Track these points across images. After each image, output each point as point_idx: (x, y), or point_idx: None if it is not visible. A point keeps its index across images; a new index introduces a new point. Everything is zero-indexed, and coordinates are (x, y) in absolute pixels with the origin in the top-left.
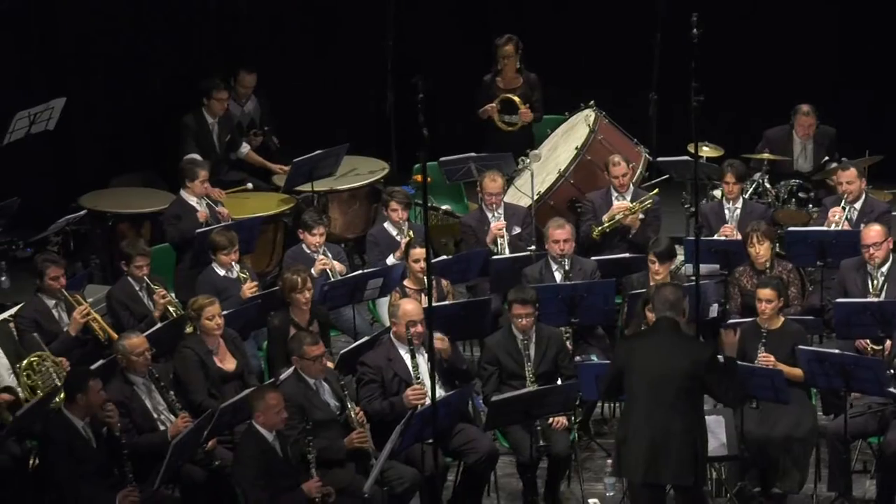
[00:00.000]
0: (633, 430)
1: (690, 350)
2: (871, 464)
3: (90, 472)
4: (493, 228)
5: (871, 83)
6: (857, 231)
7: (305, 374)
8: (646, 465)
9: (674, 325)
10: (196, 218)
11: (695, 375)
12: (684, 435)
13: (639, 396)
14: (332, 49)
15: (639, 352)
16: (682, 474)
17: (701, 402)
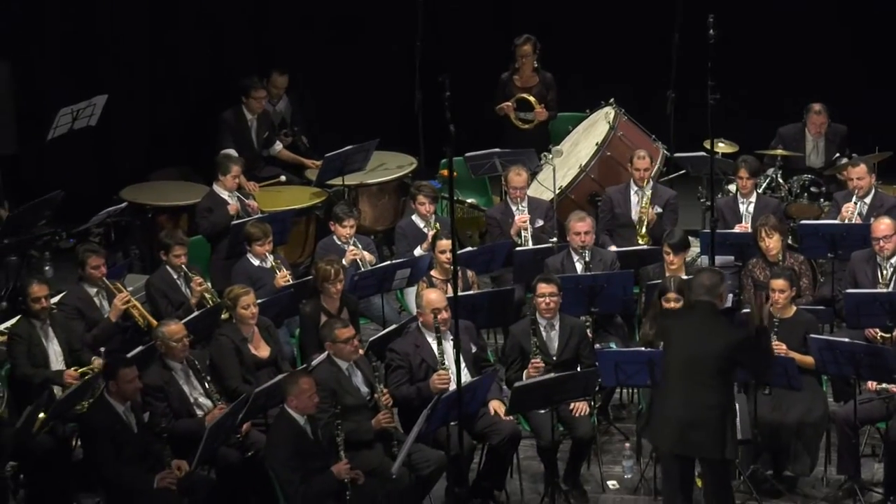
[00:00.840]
0: (666, 403)
1: (725, 333)
2: (879, 448)
3: (130, 455)
4: (517, 221)
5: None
6: (867, 224)
7: (339, 358)
8: (676, 437)
9: (711, 308)
10: (227, 211)
11: (728, 357)
12: (714, 412)
13: (673, 373)
14: (362, 49)
15: (676, 330)
16: (709, 449)
17: (732, 384)
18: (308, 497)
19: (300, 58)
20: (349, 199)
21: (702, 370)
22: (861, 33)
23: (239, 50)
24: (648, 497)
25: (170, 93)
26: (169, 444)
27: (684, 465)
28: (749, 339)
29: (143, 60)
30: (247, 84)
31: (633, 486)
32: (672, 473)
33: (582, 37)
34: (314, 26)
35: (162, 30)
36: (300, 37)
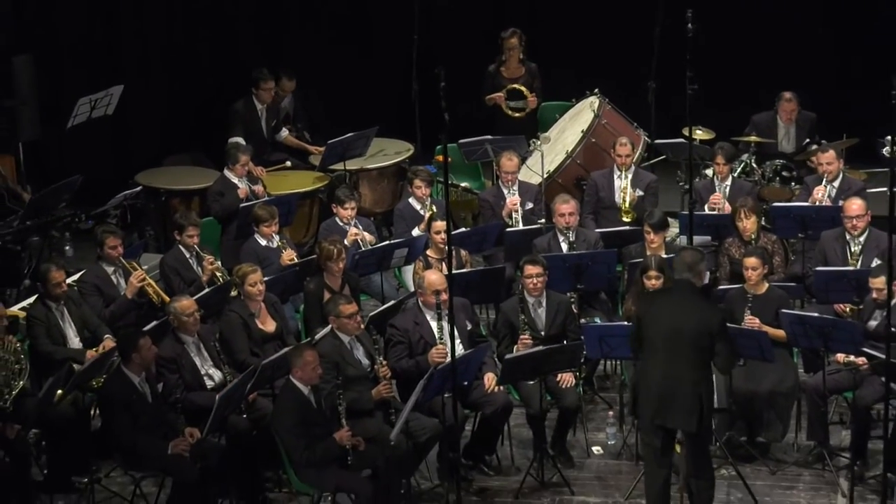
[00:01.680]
0: (647, 377)
1: (703, 311)
2: (846, 416)
3: (145, 423)
4: (509, 203)
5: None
6: (836, 206)
7: (341, 332)
8: (655, 408)
9: (691, 286)
10: (237, 195)
11: (705, 334)
12: (692, 386)
13: (655, 348)
14: (364, 43)
15: (658, 307)
16: (685, 421)
17: (709, 360)
18: (312, 462)
19: (306, 51)
20: (350, 182)
21: (680, 346)
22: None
23: (248, 43)
24: (630, 462)
25: (182, 83)
26: (182, 413)
27: (664, 434)
28: (724, 324)
29: (157, 53)
30: (257, 76)
31: (616, 452)
32: (653, 441)
33: (569, 30)
34: (320, 22)
35: (176, 24)
36: (306, 31)
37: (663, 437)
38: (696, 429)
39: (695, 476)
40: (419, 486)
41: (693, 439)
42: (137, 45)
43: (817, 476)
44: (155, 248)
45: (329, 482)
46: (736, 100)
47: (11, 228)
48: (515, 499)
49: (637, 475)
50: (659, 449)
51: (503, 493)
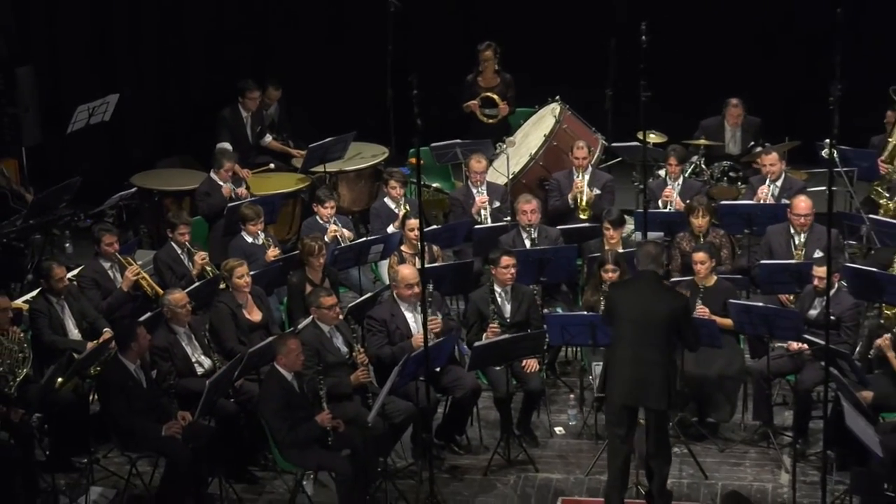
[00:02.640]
0: (618, 362)
1: (669, 298)
2: (789, 397)
3: (141, 407)
4: (478, 202)
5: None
6: (779, 204)
7: (322, 322)
8: (627, 391)
9: (655, 276)
10: (222, 195)
11: (671, 319)
12: (661, 368)
13: (624, 334)
14: (342, 52)
15: (626, 297)
16: (656, 400)
17: (674, 343)
18: (295, 442)
19: (289, 62)
20: (330, 183)
21: (648, 332)
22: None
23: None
24: (590, 441)
25: (174, 92)
26: (175, 397)
27: (631, 413)
28: (688, 308)
29: (150, 63)
30: (243, 86)
31: (577, 432)
32: (620, 421)
33: (532, 41)
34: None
35: (168, 37)
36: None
37: (629, 416)
38: (667, 406)
39: (654, 454)
40: (395, 465)
41: (657, 419)
42: (132, 57)
43: (763, 453)
44: (149, 245)
45: (311, 461)
46: (686, 106)
47: (15, 227)
48: (484, 476)
49: (596, 453)
50: (624, 427)
51: (472, 471)
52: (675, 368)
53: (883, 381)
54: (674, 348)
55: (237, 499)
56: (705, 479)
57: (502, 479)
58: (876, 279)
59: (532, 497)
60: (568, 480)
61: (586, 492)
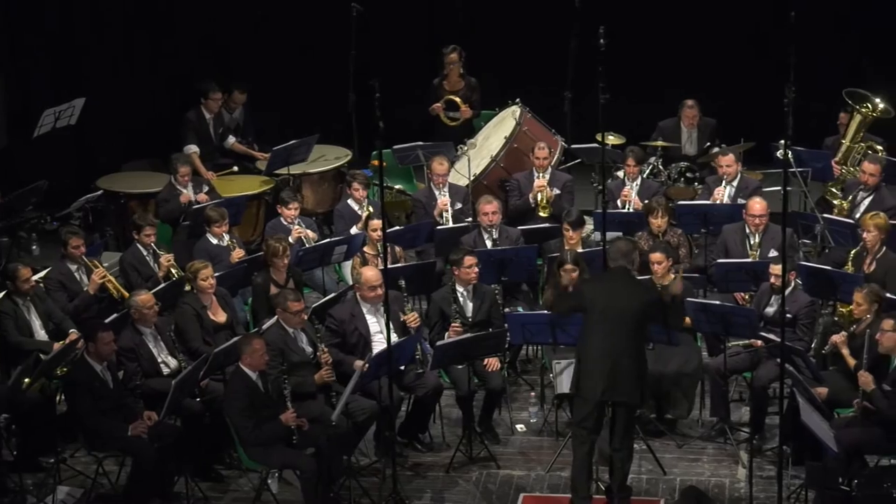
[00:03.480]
0: (592, 357)
1: (640, 292)
2: (745, 394)
3: (107, 407)
4: (440, 204)
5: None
6: (735, 204)
7: (286, 324)
8: (602, 386)
9: (626, 271)
10: (180, 201)
11: (644, 312)
12: (634, 362)
13: (597, 329)
14: (306, 57)
15: (599, 292)
16: (631, 393)
17: (644, 337)
18: (260, 441)
19: (254, 66)
20: (294, 185)
21: (622, 326)
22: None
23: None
24: (551, 438)
25: (140, 95)
26: (141, 397)
27: (601, 409)
28: (661, 298)
29: (116, 67)
30: (205, 88)
31: (538, 429)
32: (590, 416)
33: (493, 44)
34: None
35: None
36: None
37: (599, 412)
38: (641, 399)
39: (619, 449)
40: (358, 462)
41: (627, 413)
42: (98, 61)
43: (720, 449)
44: (115, 247)
45: (276, 459)
46: (643, 107)
47: None
48: (446, 473)
49: (557, 450)
50: (592, 422)
51: (435, 468)
52: (646, 363)
53: (837, 378)
54: (645, 342)
55: (203, 497)
56: (664, 474)
57: (464, 476)
58: (830, 277)
59: (493, 493)
60: (529, 477)
61: (547, 488)
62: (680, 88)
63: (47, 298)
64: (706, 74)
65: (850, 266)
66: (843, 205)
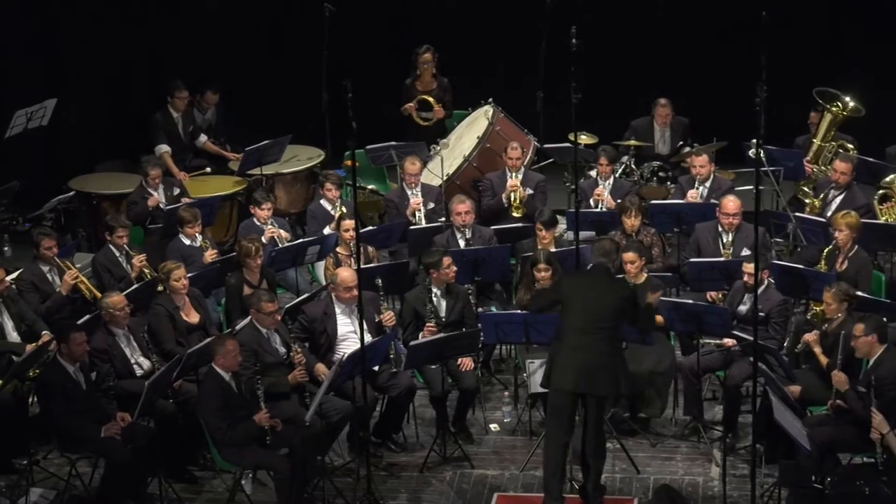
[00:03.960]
0: (567, 350)
1: (618, 289)
2: (718, 393)
3: (80, 409)
4: (412, 203)
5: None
6: (708, 204)
7: (260, 325)
8: (578, 377)
9: (606, 269)
10: (147, 204)
11: (621, 309)
12: (610, 356)
13: (574, 324)
14: (278, 58)
15: (577, 288)
16: (606, 386)
17: (620, 334)
18: (234, 442)
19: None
20: (266, 186)
21: (599, 321)
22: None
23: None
24: (525, 437)
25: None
26: (114, 399)
27: (574, 403)
28: (636, 296)
29: (88, 68)
30: (172, 86)
31: (512, 429)
32: (563, 411)
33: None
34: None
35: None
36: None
37: (572, 406)
38: (618, 391)
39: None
40: (332, 463)
41: (598, 409)
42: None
43: (693, 448)
44: (87, 248)
45: (249, 460)
46: (616, 107)
47: None
48: (420, 473)
49: (531, 449)
50: (566, 418)
51: (409, 468)
52: (623, 357)
53: (810, 376)
54: (621, 338)
55: (177, 498)
56: (637, 473)
57: (438, 476)
58: (802, 276)
59: (468, 493)
60: (503, 476)
61: (521, 487)
62: (652, 87)
63: (19, 300)
64: (678, 74)
65: (822, 265)
66: (815, 203)
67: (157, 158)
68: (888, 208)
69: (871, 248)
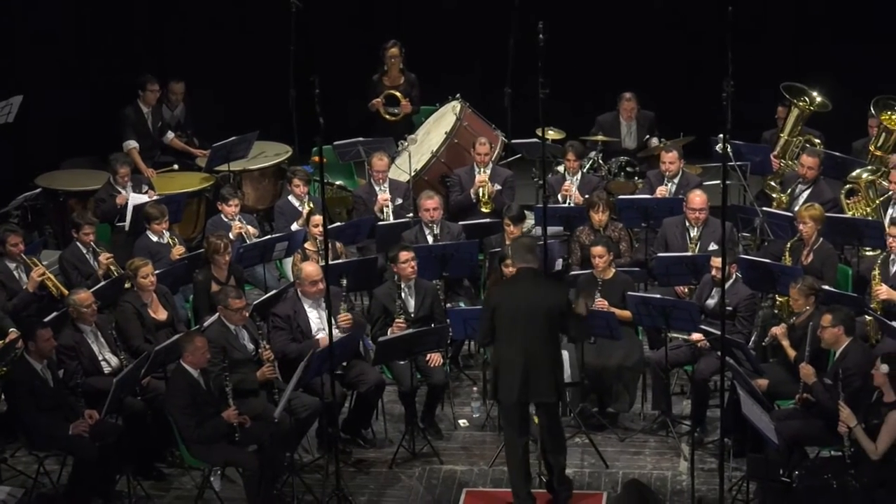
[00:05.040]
0: (506, 360)
1: (550, 292)
2: (686, 387)
3: (48, 406)
4: (380, 199)
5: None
6: (675, 198)
7: (228, 321)
8: (519, 387)
9: (533, 272)
10: (115, 202)
11: (555, 311)
12: (549, 361)
13: (509, 332)
14: (245, 54)
15: (507, 296)
16: (547, 393)
17: (558, 336)
18: (202, 439)
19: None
20: (234, 182)
21: (534, 327)
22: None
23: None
24: (493, 433)
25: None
26: (82, 396)
27: (523, 410)
28: (569, 301)
29: (54, 64)
30: (143, 80)
31: (481, 424)
32: (513, 418)
33: (432, 41)
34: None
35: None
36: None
37: (521, 413)
38: (556, 398)
39: (550, 448)
40: (301, 459)
41: (549, 411)
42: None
43: (662, 442)
44: (54, 245)
45: (218, 457)
46: (583, 102)
47: None
48: (389, 469)
49: (499, 444)
50: (518, 422)
51: (378, 464)
52: (561, 360)
53: (777, 370)
54: (558, 340)
55: (145, 495)
56: (606, 468)
57: (407, 472)
58: (769, 270)
59: (437, 489)
60: (472, 472)
61: (490, 483)
62: (619, 83)
63: None
64: (645, 69)
65: (787, 258)
66: (783, 198)
67: (125, 156)
68: (855, 203)
69: (838, 242)
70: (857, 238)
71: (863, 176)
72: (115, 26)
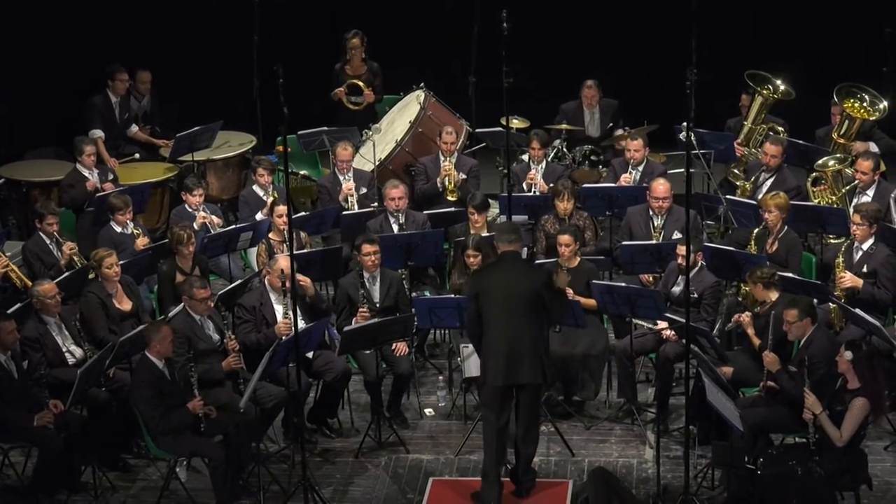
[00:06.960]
0: (492, 345)
1: (532, 274)
2: (651, 374)
3: (12, 398)
4: (344, 189)
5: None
6: (639, 186)
7: (193, 311)
8: (504, 370)
9: (517, 256)
10: (86, 187)
11: (538, 293)
12: (534, 343)
13: (495, 316)
14: (209, 44)
15: (491, 280)
16: (533, 374)
17: (543, 318)
18: (168, 429)
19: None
20: (198, 172)
21: (518, 309)
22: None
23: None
24: (459, 422)
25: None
26: (46, 387)
27: (507, 394)
28: (551, 280)
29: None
30: (112, 69)
31: (447, 413)
32: (495, 403)
33: (396, 30)
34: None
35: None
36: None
37: (505, 398)
38: (542, 380)
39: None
40: (267, 449)
41: (529, 396)
42: None
43: (627, 430)
44: (17, 236)
45: (184, 448)
46: (546, 91)
47: None
48: (356, 458)
49: (465, 433)
50: (500, 409)
51: (344, 454)
52: (546, 343)
53: (742, 358)
54: (543, 323)
55: (111, 486)
56: (572, 456)
57: (374, 461)
58: (734, 258)
59: (403, 478)
60: (438, 461)
61: (456, 471)
62: (584, 71)
63: None
64: (608, 57)
65: (752, 246)
66: (746, 186)
67: (90, 139)
68: (821, 191)
69: (802, 229)
70: (820, 226)
71: (829, 164)
72: (78, 14)
